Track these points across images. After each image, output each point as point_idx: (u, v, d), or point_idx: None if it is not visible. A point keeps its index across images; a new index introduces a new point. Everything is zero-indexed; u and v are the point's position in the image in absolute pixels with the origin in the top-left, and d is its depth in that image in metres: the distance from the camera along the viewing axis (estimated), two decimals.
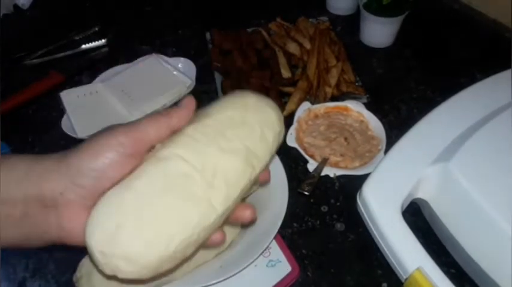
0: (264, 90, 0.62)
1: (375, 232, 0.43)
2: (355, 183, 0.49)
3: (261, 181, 0.36)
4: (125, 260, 0.27)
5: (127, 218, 0.27)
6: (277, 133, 0.35)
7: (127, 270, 0.27)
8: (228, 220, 0.34)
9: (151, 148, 0.31)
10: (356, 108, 0.60)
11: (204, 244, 0.32)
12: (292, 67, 0.66)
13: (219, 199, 0.30)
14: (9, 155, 0.32)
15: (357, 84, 0.65)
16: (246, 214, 0.34)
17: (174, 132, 0.31)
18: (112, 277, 0.28)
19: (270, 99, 0.37)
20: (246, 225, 0.43)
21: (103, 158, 0.28)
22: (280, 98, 0.62)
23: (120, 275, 0.27)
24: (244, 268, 0.41)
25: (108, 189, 0.29)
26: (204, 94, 0.66)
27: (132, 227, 0.27)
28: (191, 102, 0.32)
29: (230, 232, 0.44)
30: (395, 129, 0.58)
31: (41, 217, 0.28)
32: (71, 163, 0.28)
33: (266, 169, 0.36)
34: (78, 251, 0.42)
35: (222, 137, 0.32)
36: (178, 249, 0.28)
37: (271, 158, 0.36)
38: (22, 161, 0.29)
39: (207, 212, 0.29)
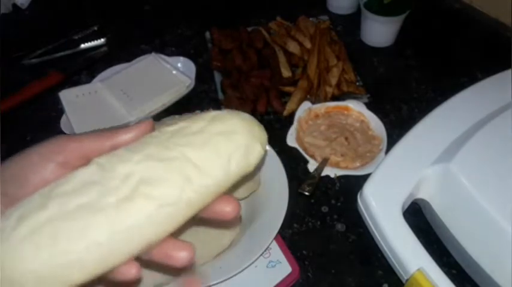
0: (263, 90, 0.62)
1: (375, 233, 0.43)
2: (355, 183, 0.49)
3: (214, 214, 0.28)
4: None
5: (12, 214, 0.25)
6: (240, 146, 0.28)
7: None
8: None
9: (87, 160, 0.27)
10: (357, 108, 0.59)
11: (108, 277, 0.25)
12: (293, 66, 0.66)
13: (131, 211, 0.24)
14: None
15: (357, 83, 0.65)
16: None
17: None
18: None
19: (248, 114, 0.30)
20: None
21: (29, 167, 0.27)
22: (281, 98, 0.62)
23: None
24: (244, 269, 0.40)
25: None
26: (204, 94, 0.65)
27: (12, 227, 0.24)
28: (146, 125, 0.29)
29: (230, 233, 0.44)
30: (396, 129, 0.58)
31: None
32: (3, 171, 0.27)
33: (222, 194, 0.28)
34: None
35: (159, 145, 0.27)
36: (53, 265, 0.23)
37: (232, 180, 0.28)
38: None
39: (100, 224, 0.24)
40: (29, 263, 0.23)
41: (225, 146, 0.27)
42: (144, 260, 0.26)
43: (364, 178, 0.46)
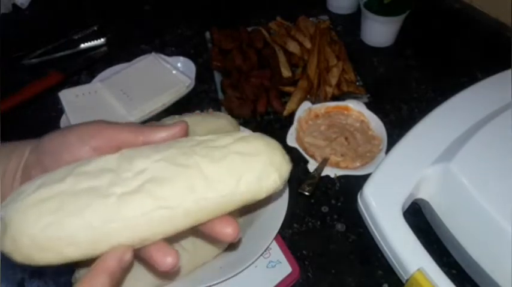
0: (263, 90, 0.62)
1: (375, 233, 0.43)
2: (355, 183, 0.49)
3: (213, 233, 0.28)
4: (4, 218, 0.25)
5: (30, 186, 0.26)
6: (255, 170, 0.28)
7: (3, 230, 0.25)
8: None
9: (118, 149, 0.29)
10: (357, 108, 0.59)
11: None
12: (293, 66, 0.66)
13: (131, 205, 0.25)
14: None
15: (357, 83, 0.65)
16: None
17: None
18: None
19: (277, 143, 0.30)
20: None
21: (66, 146, 0.29)
22: (281, 98, 0.62)
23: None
24: (245, 269, 0.40)
25: None
26: (204, 94, 0.65)
27: (27, 195, 0.26)
28: (181, 128, 0.30)
29: None
30: (396, 129, 0.58)
31: (8, 189, 0.30)
32: (42, 141, 0.31)
33: (226, 214, 0.28)
34: None
35: (180, 150, 0.27)
36: (48, 235, 0.24)
37: (239, 202, 0.28)
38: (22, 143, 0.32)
39: (103, 210, 0.25)
40: (30, 228, 0.25)
41: (239, 166, 0.27)
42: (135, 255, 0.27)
43: (364, 178, 0.46)
